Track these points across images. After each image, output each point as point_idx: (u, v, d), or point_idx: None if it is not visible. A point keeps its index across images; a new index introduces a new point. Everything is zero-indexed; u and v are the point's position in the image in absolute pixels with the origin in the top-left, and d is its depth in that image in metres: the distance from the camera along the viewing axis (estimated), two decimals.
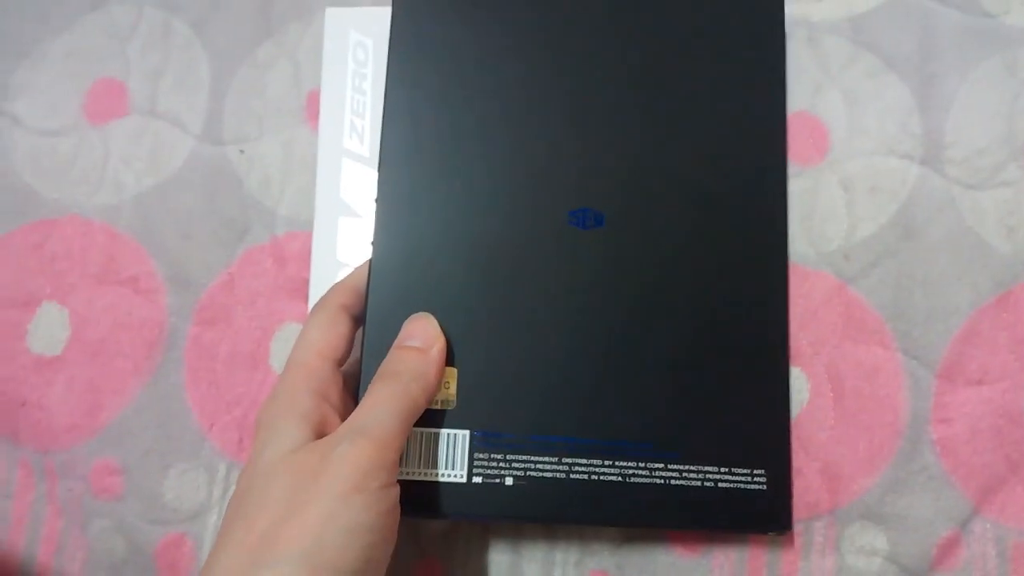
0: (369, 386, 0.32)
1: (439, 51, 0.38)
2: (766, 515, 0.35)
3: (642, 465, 0.35)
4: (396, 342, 0.34)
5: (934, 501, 0.37)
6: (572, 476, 0.35)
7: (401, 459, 0.34)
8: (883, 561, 0.36)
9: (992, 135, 0.39)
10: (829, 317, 0.38)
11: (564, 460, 0.35)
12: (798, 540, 0.37)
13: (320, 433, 0.31)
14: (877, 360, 0.38)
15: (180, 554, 0.38)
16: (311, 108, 0.42)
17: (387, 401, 0.31)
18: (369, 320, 0.35)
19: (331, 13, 0.41)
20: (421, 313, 0.35)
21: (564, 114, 0.38)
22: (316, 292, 0.39)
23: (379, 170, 0.37)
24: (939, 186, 0.39)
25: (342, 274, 0.38)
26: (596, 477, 0.35)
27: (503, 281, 0.36)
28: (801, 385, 0.38)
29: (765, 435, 0.36)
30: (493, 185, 0.37)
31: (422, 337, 0.34)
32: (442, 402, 0.35)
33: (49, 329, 0.41)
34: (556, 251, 0.37)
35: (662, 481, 0.35)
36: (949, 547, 0.36)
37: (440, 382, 0.34)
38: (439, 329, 0.35)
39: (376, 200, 0.36)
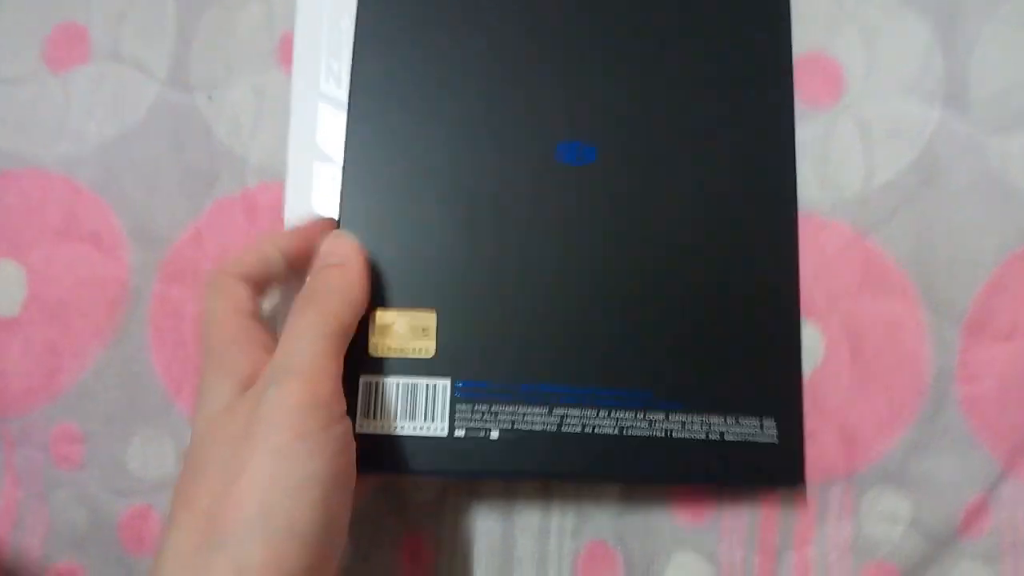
0: (288, 317, 0.30)
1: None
2: (777, 468, 0.34)
3: (641, 416, 0.33)
4: (312, 266, 0.32)
5: (960, 464, 0.35)
6: (564, 429, 0.33)
7: (376, 411, 0.33)
8: (906, 528, 0.35)
9: (1019, 76, 0.37)
10: (846, 269, 0.36)
11: (555, 411, 0.33)
12: (812, 506, 0.35)
13: (251, 384, 0.28)
14: (898, 314, 0.36)
15: (146, 526, 0.37)
16: (284, 51, 0.39)
17: (309, 329, 0.29)
18: None
19: None
20: (336, 231, 0.33)
21: (551, 43, 0.36)
22: None
23: (348, 106, 0.35)
24: (962, 130, 0.37)
25: None
26: (590, 429, 0.33)
27: (486, 221, 0.34)
28: (815, 342, 0.36)
29: (775, 382, 0.34)
30: (472, 120, 0.35)
31: (340, 253, 0.32)
32: (420, 349, 0.33)
33: (5, 288, 0.38)
34: (543, 187, 0.35)
35: (663, 434, 0.33)
36: (976, 512, 0.35)
37: (366, 297, 0.32)
38: (357, 244, 0.33)
39: (345, 140, 0.35)
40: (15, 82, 0.40)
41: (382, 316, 0.34)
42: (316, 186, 0.36)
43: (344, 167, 0.35)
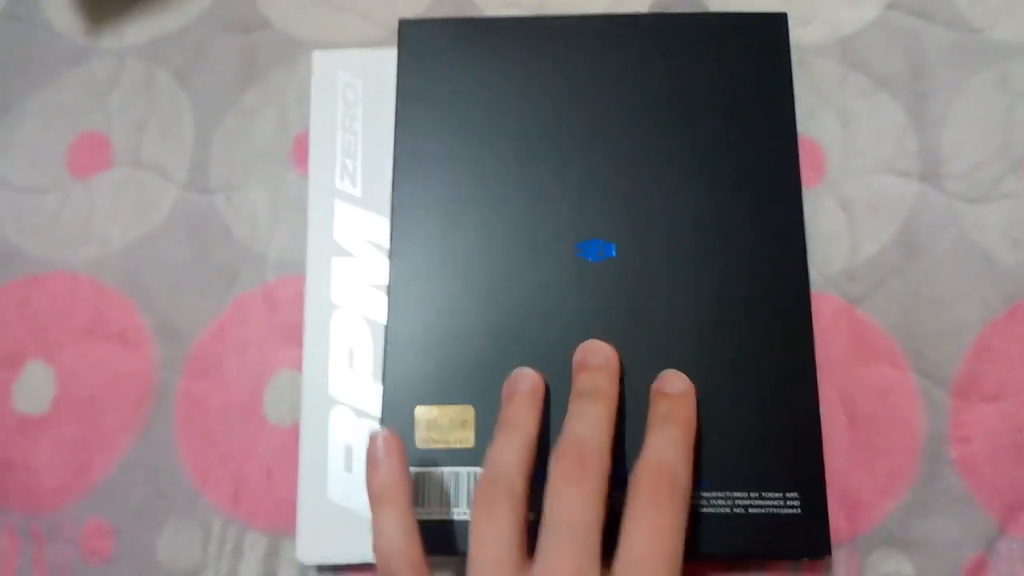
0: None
1: (445, 97, 0.39)
2: (803, 540, 0.34)
3: None
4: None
5: (958, 523, 0.35)
6: None
7: (424, 499, 0.34)
8: None
9: (989, 148, 0.39)
10: (837, 339, 0.38)
11: None
12: (820, 571, 0.35)
13: None
14: (889, 381, 0.37)
15: None
16: (298, 152, 0.41)
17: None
18: (388, 357, 0.36)
19: (319, 55, 0.41)
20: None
21: (569, 148, 0.38)
22: (311, 336, 0.38)
23: (391, 221, 0.38)
24: (940, 202, 0.39)
25: (336, 316, 0.37)
26: (619, 509, 0.34)
27: (514, 320, 0.36)
28: None
29: (796, 456, 0.35)
30: (500, 227, 0.37)
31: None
32: (462, 440, 0.35)
33: (35, 387, 0.39)
34: (567, 285, 0.36)
35: (691, 509, 0.34)
36: (976, 570, 0.35)
37: None
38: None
39: (389, 252, 0.37)
40: (41, 190, 0.42)
41: (428, 412, 0.35)
42: (334, 279, 0.38)
43: (390, 281, 0.37)
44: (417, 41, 0.40)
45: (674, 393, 0.34)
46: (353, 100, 0.40)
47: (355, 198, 0.39)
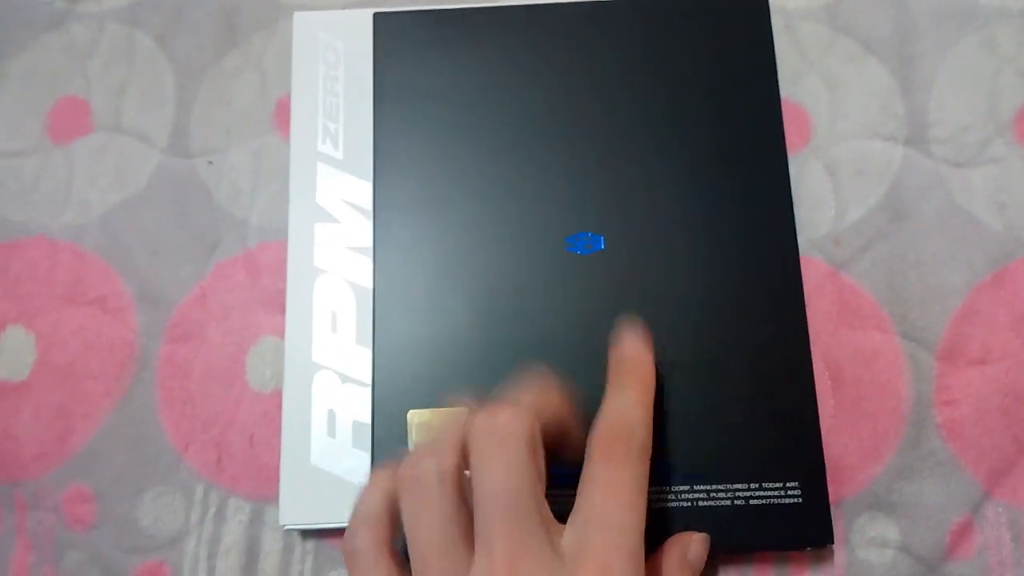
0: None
1: (423, 90, 0.38)
2: (805, 530, 0.34)
3: (667, 489, 0.34)
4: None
5: (944, 487, 0.35)
6: None
7: None
8: (896, 552, 0.35)
9: (975, 112, 0.39)
10: (823, 304, 0.37)
11: None
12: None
13: None
14: (875, 345, 0.37)
15: None
16: (280, 116, 0.41)
17: None
18: (377, 364, 0.36)
19: (299, 17, 0.40)
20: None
21: (554, 140, 0.38)
22: (293, 301, 0.37)
23: (373, 217, 0.37)
24: (926, 166, 0.39)
25: (319, 281, 0.37)
26: None
27: (505, 316, 0.36)
28: None
29: (795, 444, 0.34)
30: (487, 222, 0.37)
31: None
32: None
33: (15, 353, 0.39)
34: (556, 278, 0.36)
35: (689, 504, 0.34)
36: (962, 533, 0.35)
37: None
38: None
39: (373, 256, 0.37)
40: (20, 155, 0.41)
41: (421, 416, 0.35)
42: (317, 243, 0.38)
43: (375, 285, 0.36)
44: (392, 34, 0.39)
45: (629, 348, 0.33)
46: (334, 62, 0.40)
47: (337, 160, 0.38)
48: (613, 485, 0.29)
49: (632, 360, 0.33)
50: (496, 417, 0.28)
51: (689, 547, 0.33)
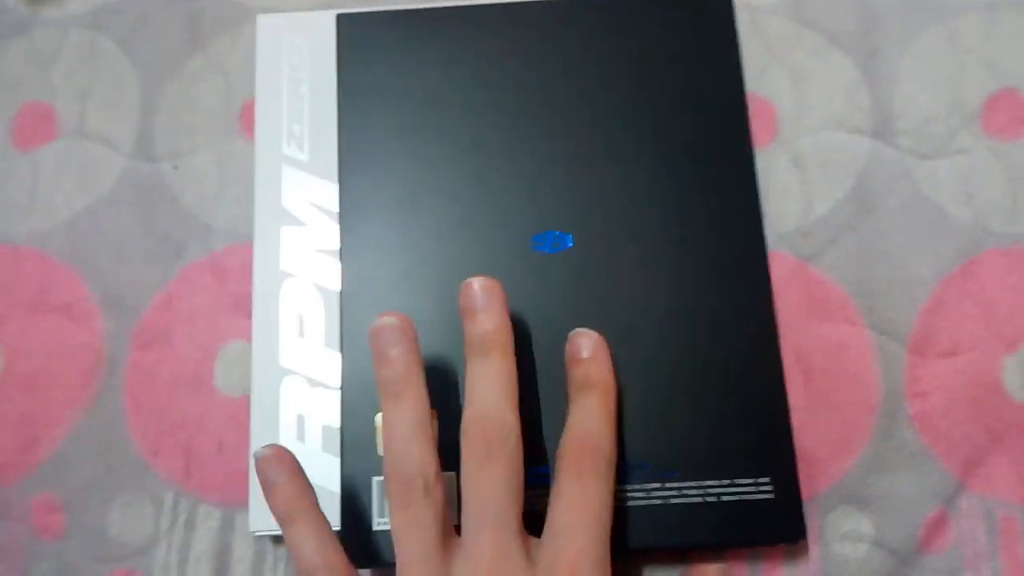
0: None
1: (388, 91, 0.38)
2: (777, 526, 0.34)
3: (638, 487, 0.34)
4: None
5: (917, 479, 0.35)
6: None
7: (381, 509, 0.34)
8: (870, 546, 0.35)
9: (940, 104, 0.39)
10: (792, 297, 0.37)
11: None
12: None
13: None
14: (844, 337, 0.37)
15: None
16: (245, 119, 0.40)
17: None
18: (345, 368, 0.36)
19: (263, 19, 0.40)
20: None
21: (521, 137, 0.38)
22: (259, 305, 0.37)
23: (340, 220, 0.37)
24: (892, 158, 0.39)
25: (286, 285, 0.37)
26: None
27: None
28: None
29: (765, 440, 0.34)
30: (452, 219, 0.37)
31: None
32: None
33: None
34: (523, 277, 0.36)
35: (661, 501, 0.34)
36: (936, 526, 0.35)
37: None
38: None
39: (341, 261, 0.37)
40: None
41: None
42: (283, 247, 0.38)
43: (342, 289, 0.36)
44: (356, 35, 0.39)
45: (587, 357, 0.33)
46: (299, 63, 0.39)
47: (303, 163, 0.38)
48: (582, 500, 0.30)
49: (593, 370, 0.33)
50: (488, 421, 0.30)
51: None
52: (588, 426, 0.31)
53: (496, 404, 0.31)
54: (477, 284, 0.32)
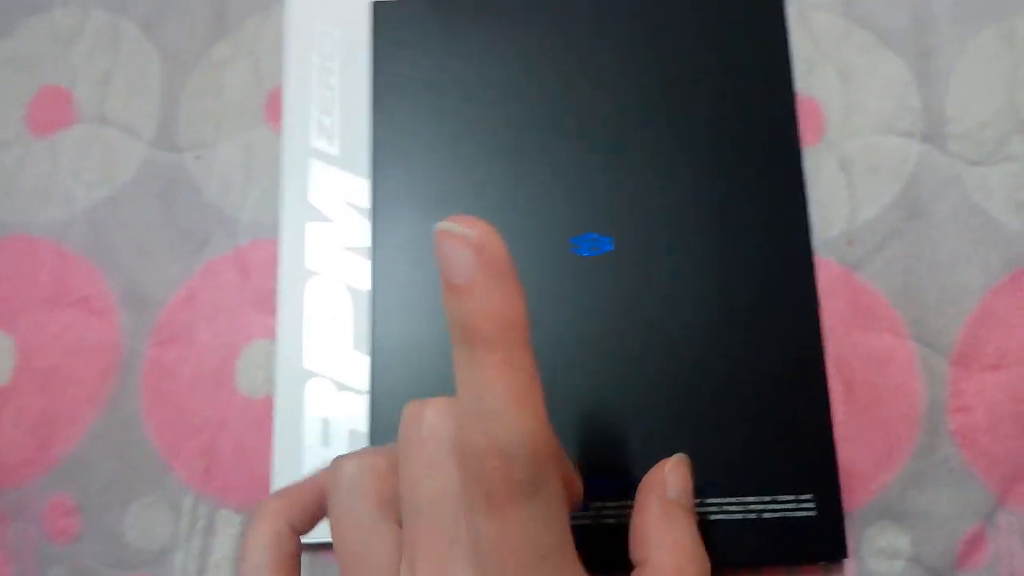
0: None
1: (424, 83, 0.37)
2: (818, 544, 0.33)
3: None
4: None
5: (956, 495, 0.35)
6: (602, 520, 0.33)
7: None
8: (906, 563, 0.34)
9: (994, 108, 0.38)
10: (835, 306, 0.36)
11: (592, 504, 0.33)
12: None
13: None
14: (888, 348, 0.36)
15: None
16: (272, 108, 0.39)
17: None
18: (374, 372, 0.34)
19: (293, 3, 0.39)
20: None
21: (561, 137, 0.36)
22: (284, 304, 0.36)
23: (372, 217, 0.36)
24: (943, 163, 0.37)
25: (311, 283, 0.36)
26: (627, 520, 0.31)
27: None
28: None
29: (808, 456, 0.33)
30: (489, 222, 0.35)
31: None
32: None
33: None
34: (562, 281, 0.35)
35: (699, 517, 0.32)
36: (974, 543, 0.34)
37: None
38: None
39: (372, 249, 0.35)
40: None
41: None
42: (309, 244, 0.36)
43: (373, 281, 0.35)
44: (393, 23, 0.38)
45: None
46: (330, 52, 0.38)
47: (332, 157, 0.37)
48: None
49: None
50: (421, 416, 0.25)
51: (666, 485, 0.29)
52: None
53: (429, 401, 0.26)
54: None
